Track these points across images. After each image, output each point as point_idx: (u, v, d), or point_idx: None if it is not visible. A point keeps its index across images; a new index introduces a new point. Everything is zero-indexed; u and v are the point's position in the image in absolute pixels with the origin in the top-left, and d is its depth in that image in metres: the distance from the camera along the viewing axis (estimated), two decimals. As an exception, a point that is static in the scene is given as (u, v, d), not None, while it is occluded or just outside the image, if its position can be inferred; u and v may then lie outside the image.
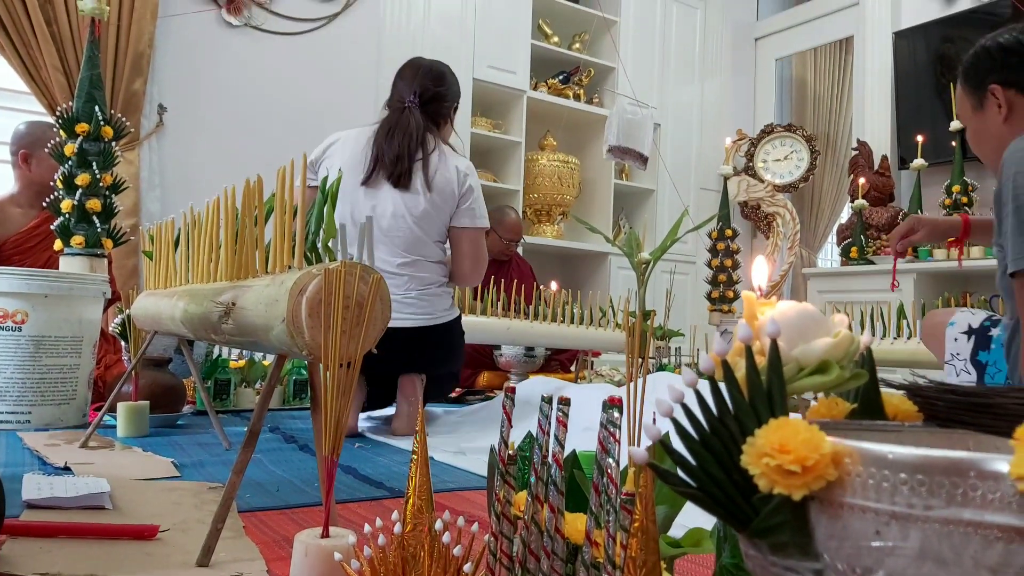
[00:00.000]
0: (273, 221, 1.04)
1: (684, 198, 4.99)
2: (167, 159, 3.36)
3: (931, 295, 3.60)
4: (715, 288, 3.85)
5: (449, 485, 1.45)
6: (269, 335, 0.97)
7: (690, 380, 0.41)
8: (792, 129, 5.10)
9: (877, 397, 0.51)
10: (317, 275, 0.90)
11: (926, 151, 3.92)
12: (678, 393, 0.41)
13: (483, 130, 4.41)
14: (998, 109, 1.41)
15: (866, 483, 0.33)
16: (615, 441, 0.61)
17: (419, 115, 2.07)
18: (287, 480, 1.44)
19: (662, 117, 5.10)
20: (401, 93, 2.11)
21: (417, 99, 2.08)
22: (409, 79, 2.11)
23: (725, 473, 0.37)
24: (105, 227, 2.13)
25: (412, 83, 2.10)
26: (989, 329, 1.58)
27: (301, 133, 3.67)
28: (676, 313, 4.01)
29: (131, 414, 1.88)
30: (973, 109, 1.47)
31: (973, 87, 1.44)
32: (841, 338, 0.45)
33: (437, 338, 2.15)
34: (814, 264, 5.27)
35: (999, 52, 1.40)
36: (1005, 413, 0.43)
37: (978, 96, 1.44)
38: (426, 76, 2.10)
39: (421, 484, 0.74)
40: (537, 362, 3.39)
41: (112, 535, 1.01)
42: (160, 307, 1.51)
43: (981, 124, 1.46)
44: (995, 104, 1.42)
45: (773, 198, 4.86)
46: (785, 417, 0.36)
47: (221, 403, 2.41)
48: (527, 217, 4.73)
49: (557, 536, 0.67)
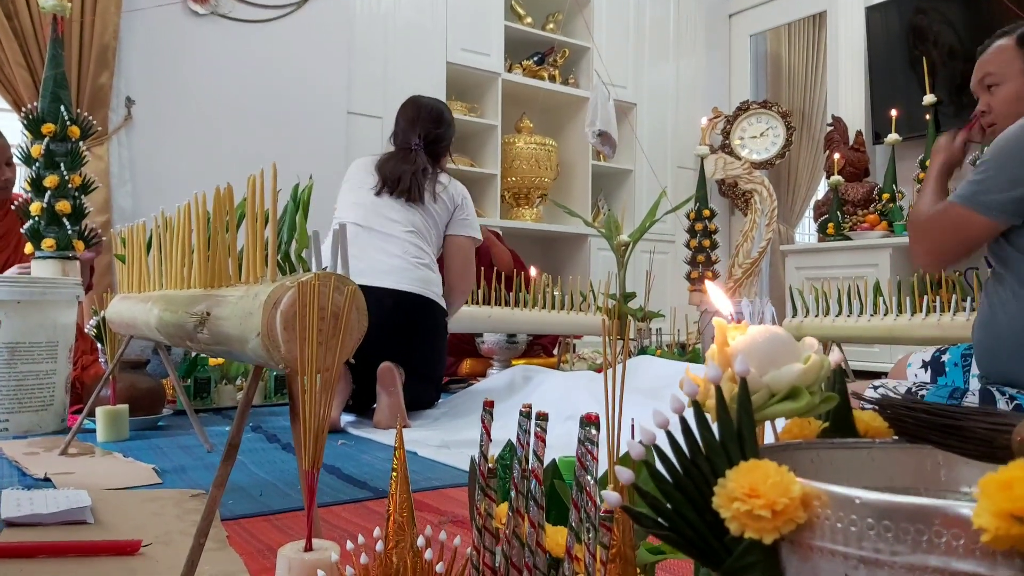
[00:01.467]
0: (245, 228, 1.03)
1: (662, 177, 5.00)
2: (137, 153, 3.31)
3: (907, 271, 3.64)
4: (694, 268, 3.87)
5: (434, 483, 1.45)
6: (245, 347, 0.96)
7: (677, 407, 0.41)
8: (768, 106, 5.11)
9: (848, 415, 0.52)
10: (291, 287, 0.90)
11: (900, 125, 3.94)
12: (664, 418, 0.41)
13: (459, 114, 4.37)
14: None
15: (835, 527, 0.34)
16: (593, 459, 0.61)
17: (424, 155, 2.38)
18: (270, 483, 1.44)
19: (637, 97, 5.09)
20: (407, 135, 2.40)
21: (422, 142, 2.37)
22: (412, 121, 2.41)
23: (698, 514, 0.37)
24: (76, 228, 2.10)
25: (416, 125, 2.39)
26: (940, 357, 1.70)
27: (273, 121, 3.63)
28: (656, 294, 4.03)
29: (110, 418, 1.86)
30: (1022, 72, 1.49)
31: None
32: (811, 363, 0.45)
33: (424, 311, 2.29)
34: (792, 240, 5.31)
35: None
36: (972, 436, 0.43)
37: None
38: (427, 119, 2.40)
39: (402, 501, 0.74)
40: (519, 348, 3.40)
41: (94, 552, 1.01)
42: (135, 313, 1.49)
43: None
44: None
45: (750, 175, 4.85)
46: (755, 459, 0.36)
47: (202, 401, 2.40)
48: (505, 201, 4.72)
49: (538, 550, 0.67)
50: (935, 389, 1.48)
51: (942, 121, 4.00)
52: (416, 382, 2.29)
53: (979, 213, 1.37)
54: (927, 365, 1.68)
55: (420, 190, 2.33)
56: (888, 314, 2.60)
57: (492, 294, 2.96)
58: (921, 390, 1.49)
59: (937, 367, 1.66)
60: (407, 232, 2.31)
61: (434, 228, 2.38)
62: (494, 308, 2.97)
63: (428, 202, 2.34)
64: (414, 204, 2.32)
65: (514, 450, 0.72)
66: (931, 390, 1.48)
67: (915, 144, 4.09)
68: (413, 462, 1.66)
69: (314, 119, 3.77)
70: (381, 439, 1.94)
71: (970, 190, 1.39)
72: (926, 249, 1.50)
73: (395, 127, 2.46)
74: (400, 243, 2.29)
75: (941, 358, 1.67)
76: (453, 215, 2.41)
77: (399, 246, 2.29)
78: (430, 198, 2.35)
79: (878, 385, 1.57)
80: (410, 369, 2.25)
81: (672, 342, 3.54)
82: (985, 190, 1.37)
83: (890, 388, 1.54)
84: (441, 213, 2.39)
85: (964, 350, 1.65)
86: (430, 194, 2.35)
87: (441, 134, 2.42)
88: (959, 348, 1.65)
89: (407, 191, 2.31)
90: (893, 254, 3.86)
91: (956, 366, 1.61)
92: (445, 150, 2.46)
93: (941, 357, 1.68)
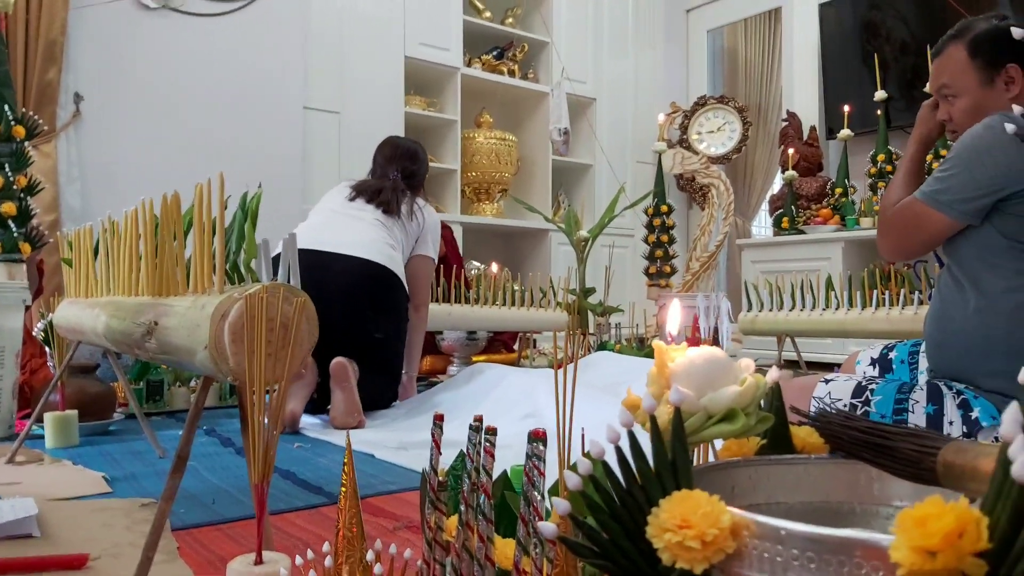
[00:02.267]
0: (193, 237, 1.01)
1: (621, 172, 5.03)
2: (86, 151, 3.22)
3: (858, 265, 3.72)
4: (652, 263, 3.90)
5: (390, 487, 1.45)
6: (193, 359, 0.95)
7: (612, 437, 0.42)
8: (725, 101, 5.17)
9: (785, 432, 0.53)
10: (239, 299, 0.88)
11: (853, 121, 4.02)
12: (600, 449, 0.41)
13: (417, 109, 4.36)
14: (1006, 86, 1.46)
15: (762, 556, 0.34)
16: (540, 474, 0.61)
17: (401, 183, 2.55)
18: (223, 490, 1.42)
19: (597, 92, 5.10)
20: (384, 170, 2.58)
21: (399, 175, 2.56)
22: (389, 158, 2.60)
23: (632, 543, 0.38)
24: (22, 231, 2.04)
25: (393, 162, 2.58)
26: (888, 354, 1.74)
27: (227, 117, 3.57)
28: (615, 288, 4.06)
29: (59, 424, 1.82)
30: (980, 84, 1.49)
31: (986, 63, 1.47)
32: (747, 386, 0.46)
33: (390, 284, 2.37)
34: (749, 234, 5.39)
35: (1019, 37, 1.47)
36: (902, 456, 0.44)
37: (989, 73, 1.48)
38: (403, 157, 2.60)
39: (351, 516, 0.74)
40: (480, 344, 3.40)
41: (39, 568, 0.99)
42: (82, 318, 1.46)
43: (985, 99, 1.49)
44: (1005, 80, 1.46)
45: (707, 170, 4.92)
46: (687, 489, 0.37)
47: (154, 404, 2.36)
48: (466, 196, 4.71)
49: (487, 563, 0.67)
50: (884, 383, 1.51)
51: (893, 116, 4.08)
52: (374, 376, 2.28)
53: (940, 212, 1.40)
54: (875, 363, 1.72)
55: (398, 203, 2.48)
56: (840, 308, 2.66)
57: (452, 292, 2.95)
58: (871, 383, 1.52)
59: (885, 364, 1.70)
60: (377, 221, 2.42)
61: (405, 240, 2.49)
62: (454, 305, 2.96)
63: (404, 217, 2.48)
64: (391, 215, 2.45)
65: (465, 462, 0.72)
66: (880, 384, 1.52)
67: (867, 139, 4.17)
68: (370, 465, 1.65)
69: (270, 114, 3.71)
70: (338, 441, 1.93)
71: (933, 188, 1.42)
72: (891, 244, 1.54)
73: (373, 164, 2.65)
74: (370, 226, 2.40)
75: (889, 355, 1.71)
76: (421, 235, 2.55)
77: (370, 228, 2.40)
78: (407, 214, 2.49)
79: (830, 379, 1.59)
80: (368, 355, 2.26)
81: (631, 336, 3.57)
82: (947, 189, 1.39)
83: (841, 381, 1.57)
84: (414, 230, 2.53)
85: (911, 347, 1.68)
86: (407, 210, 2.50)
87: (416, 170, 2.61)
88: (906, 346, 1.69)
89: (386, 203, 2.45)
90: (845, 248, 3.94)
91: (903, 363, 1.66)
92: (420, 184, 2.65)
93: (889, 355, 1.72)
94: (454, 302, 2.97)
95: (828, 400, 1.51)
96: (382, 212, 2.44)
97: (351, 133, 4.00)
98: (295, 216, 3.23)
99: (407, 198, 2.53)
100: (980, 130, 1.38)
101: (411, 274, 2.52)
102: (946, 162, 1.43)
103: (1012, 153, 1.32)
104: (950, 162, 1.41)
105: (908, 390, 1.46)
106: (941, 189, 1.40)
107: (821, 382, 1.58)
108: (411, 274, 2.52)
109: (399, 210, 2.47)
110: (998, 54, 1.46)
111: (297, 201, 3.64)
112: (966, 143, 1.39)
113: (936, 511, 0.30)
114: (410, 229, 2.51)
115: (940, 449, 0.42)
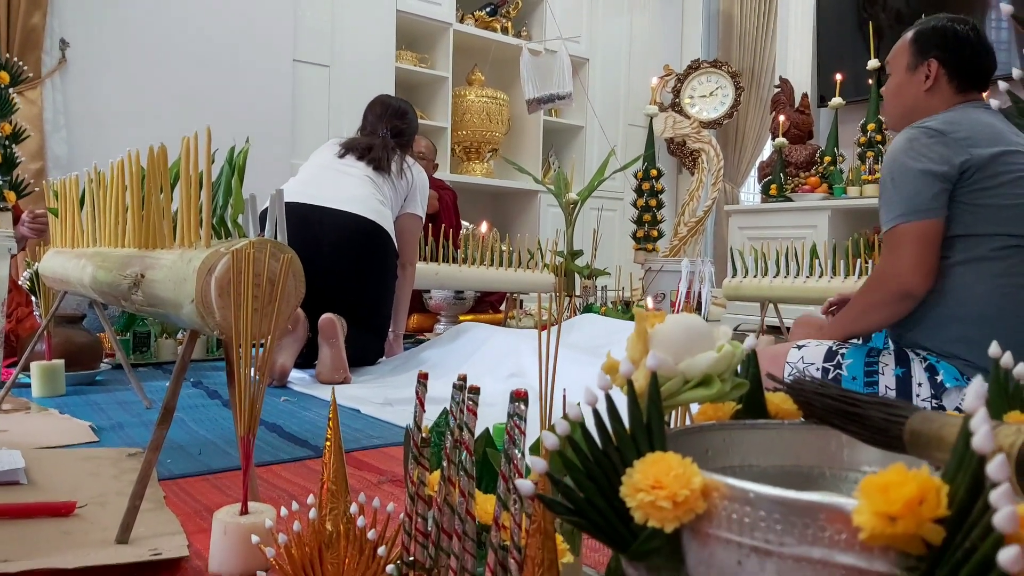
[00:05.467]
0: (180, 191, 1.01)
1: (613, 135, 5.00)
2: (72, 98, 3.17)
3: (844, 234, 3.74)
4: (640, 227, 3.91)
5: (375, 441, 1.47)
6: (180, 312, 0.95)
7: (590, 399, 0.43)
8: (718, 65, 5.13)
9: (760, 397, 0.54)
10: (225, 254, 0.89)
11: (845, 89, 4.00)
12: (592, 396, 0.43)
13: (408, 64, 4.30)
14: (924, 79, 1.56)
15: (731, 517, 0.36)
16: (521, 432, 0.63)
17: (391, 141, 2.55)
18: (210, 441, 1.44)
19: (591, 52, 5.05)
20: (374, 127, 2.58)
21: (388, 132, 2.56)
22: (379, 116, 2.60)
23: (607, 501, 0.39)
24: (7, 179, 2.01)
25: (382, 119, 2.59)
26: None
27: (215, 67, 3.51)
28: (603, 251, 4.07)
29: (45, 374, 1.83)
30: (907, 68, 1.60)
31: (918, 50, 1.58)
32: (723, 352, 0.47)
33: (379, 240, 2.37)
34: (737, 200, 5.39)
35: (952, 37, 1.55)
36: (871, 424, 0.46)
37: (916, 60, 1.58)
38: (393, 116, 2.60)
39: (336, 470, 0.75)
40: (467, 304, 3.41)
41: (27, 515, 1.00)
42: (68, 269, 1.46)
43: (905, 83, 1.60)
44: (925, 74, 1.56)
45: (698, 134, 4.89)
46: (661, 451, 0.38)
47: (141, 355, 2.36)
48: (456, 155, 4.67)
49: (468, 517, 0.69)
50: (854, 348, 1.55)
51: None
52: (360, 333, 2.30)
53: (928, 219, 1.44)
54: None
55: (388, 160, 2.47)
56: (823, 276, 2.69)
57: (440, 251, 2.95)
58: (841, 348, 1.56)
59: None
60: (367, 178, 2.42)
61: (394, 198, 2.50)
62: (441, 265, 2.97)
63: (394, 174, 2.48)
64: (381, 173, 2.45)
65: (448, 420, 0.73)
66: (850, 349, 1.55)
67: (858, 108, 4.16)
68: (356, 420, 1.67)
69: (258, 66, 3.66)
70: (324, 396, 1.95)
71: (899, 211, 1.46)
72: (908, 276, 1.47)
73: (363, 122, 2.65)
74: (360, 182, 2.40)
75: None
76: (410, 193, 2.56)
77: (360, 184, 2.40)
78: (397, 171, 2.49)
79: (802, 344, 1.63)
80: (356, 311, 2.27)
81: (617, 299, 3.59)
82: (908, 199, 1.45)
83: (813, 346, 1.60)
84: (404, 188, 2.54)
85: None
86: (397, 167, 2.50)
87: (405, 129, 2.62)
88: None
89: (377, 160, 2.45)
90: (832, 216, 3.95)
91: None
92: (409, 143, 2.65)
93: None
94: (442, 261, 2.97)
95: (801, 365, 1.56)
96: (372, 169, 2.44)
97: (341, 87, 3.95)
98: (283, 171, 3.20)
99: (397, 156, 2.52)
100: (894, 152, 1.49)
101: (400, 232, 2.52)
102: (883, 189, 1.51)
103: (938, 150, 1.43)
104: (885, 186, 1.50)
105: (877, 354, 1.51)
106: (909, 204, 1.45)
107: (794, 347, 1.61)
108: (400, 232, 2.52)
109: (389, 167, 2.47)
110: (929, 47, 1.56)
111: (286, 156, 3.61)
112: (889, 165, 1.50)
113: (899, 479, 0.31)
114: (399, 187, 2.51)
115: (908, 418, 0.43)
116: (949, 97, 1.56)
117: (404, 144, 2.61)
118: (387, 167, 2.46)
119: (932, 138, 1.45)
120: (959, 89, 1.55)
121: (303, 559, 0.70)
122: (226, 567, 0.86)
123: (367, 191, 2.39)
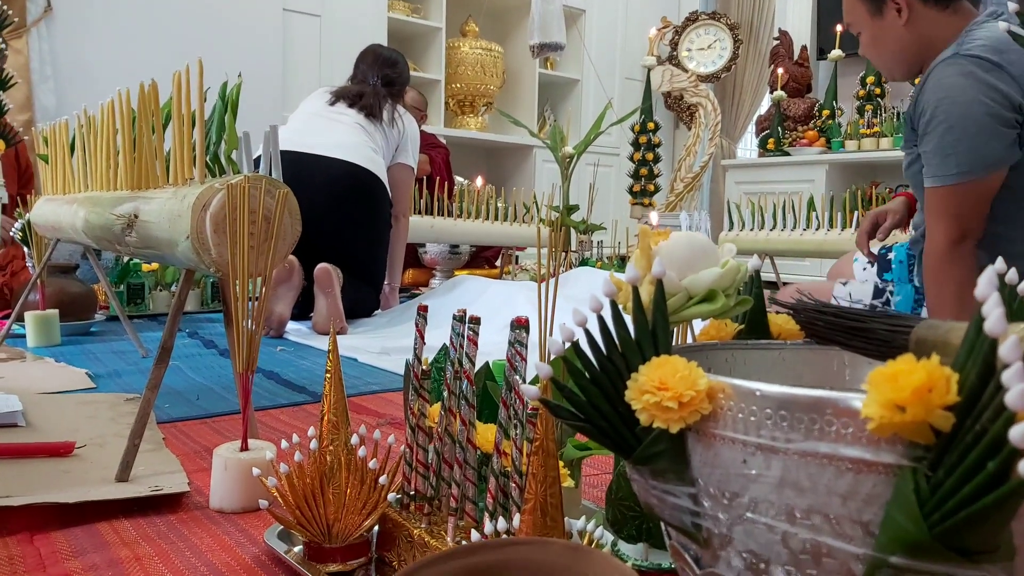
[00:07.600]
0: (172, 128, 0.99)
1: (609, 88, 4.94)
2: (59, 47, 3.11)
3: (841, 186, 3.72)
4: (636, 182, 3.89)
5: (372, 387, 1.47)
6: (175, 250, 0.94)
7: (595, 306, 0.43)
8: (716, 17, 5.06)
9: (763, 318, 0.54)
10: (220, 190, 0.88)
11: (844, 41, 3.95)
12: (582, 317, 0.42)
13: (401, 14, 4.23)
14: (898, 13, 1.42)
15: (736, 417, 0.36)
16: (522, 359, 0.62)
17: (382, 89, 2.52)
18: (207, 387, 1.44)
19: (587, 3, 4.97)
20: (364, 75, 2.56)
21: (379, 81, 2.53)
22: (371, 64, 2.57)
23: (611, 406, 0.39)
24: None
25: (373, 68, 2.56)
26: (887, 255, 1.69)
27: (204, 14, 3.44)
28: (599, 206, 4.05)
29: (40, 323, 1.82)
30: (871, 15, 1.46)
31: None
32: (728, 268, 0.47)
33: (372, 188, 2.35)
34: (734, 155, 5.36)
35: None
36: (875, 337, 0.46)
37: (877, 4, 1.44)
38: (384, 65, 2.57)
39: (336, 401, 0.75)
40: (462, 258, 3.40)
41: (27, 454, 1.00)
42: (60, 215, 1.44)
43: (879, 30, 1.46)
44: (895, 8, 1.42)
45: (696, 88, 4.85)
46: (666, 355, 0.38)
47: (136, 308, 2.36)
48: (449, 108, 4.62)
49: (468, 446, 0.69)
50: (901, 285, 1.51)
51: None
52: (356, 285, 2.29)
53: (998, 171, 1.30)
54: (875, 261, 1.70)
55: (380, 108, 2.44)
56: (820, 229, 2.68)
57: (435, 204, 2.93)
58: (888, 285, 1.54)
59: (884, 264, 1.68)
60: (359, 125, 2.40)
61: (386, 147, 2.47)
62: (436, 218, 2.95)
63: (386, 123, 2.46)
64: (372, 120, 2.42)
65: (448, 354, 0.73)
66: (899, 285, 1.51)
67: (858, 61, 4.10)
68: (352, 368, 1.67)
69: (248, 14, 3.58)
70: (320, 345, 1.95)
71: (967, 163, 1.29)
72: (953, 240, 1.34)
73: (354, 71, 2.62)
74: (352, 129, 2.38)
75: (888, 256, 1.69)
76: (402, 143, 2.53)
77: (352, 132, 2.37)
78: (388, 120, 2.46)
79: (846, 281, 1.62)
80: (350, 260, 2.26)
81: (612, 254, 3.58)
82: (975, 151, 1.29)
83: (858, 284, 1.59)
84: (395, 137, 2.50)
85: (908, 248, 1.66)
86: (389, 116, 2.47)
87: (396, 78, 2.59)
88: (903, 246, 1.67)
89: (368, 107, 2.42)
90: (829, 170, 3.94)
91: (901, 263, 1.64)
92: (400, 92, 2.62)
93: (888, 255, 1.69)
94: (436, 215, 2.95)
95: (847, 301, 1.51)
96: (364, 116, 2.41)
97: (332, 37, 3.88)
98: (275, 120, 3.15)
99: (388, 103, 2.49)
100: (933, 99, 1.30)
101: (392, 183, 2.50)
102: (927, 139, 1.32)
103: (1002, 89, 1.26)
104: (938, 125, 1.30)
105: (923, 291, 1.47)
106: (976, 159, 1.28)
107: (839, 283, 1.59)
108: (392, 183, 2.50)
109: (381, 114, 2.44)
110: None
111: (276, 108, 3.56)
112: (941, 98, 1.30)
113: (907, 367, 0.31)
114: (391, 136, 2.48)
115: (913, 328, 0.43)
116: (937, 17, 1.39)
117: (395, 94, 2.58)
118: (379, 114, 2.44)
119: (989, 72, 1.25)
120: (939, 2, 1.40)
121: (304, 489, 0.71)
122: (227, 502, 0.86)
123: (359, 138, 2.36)
